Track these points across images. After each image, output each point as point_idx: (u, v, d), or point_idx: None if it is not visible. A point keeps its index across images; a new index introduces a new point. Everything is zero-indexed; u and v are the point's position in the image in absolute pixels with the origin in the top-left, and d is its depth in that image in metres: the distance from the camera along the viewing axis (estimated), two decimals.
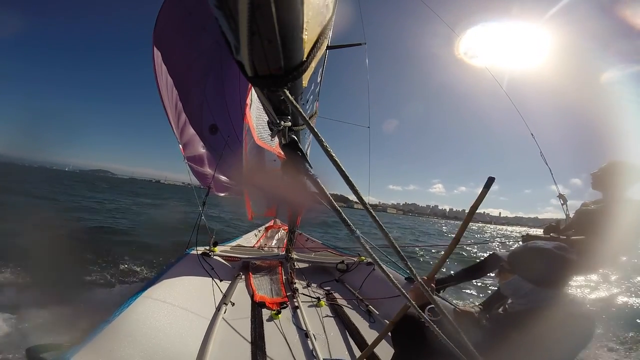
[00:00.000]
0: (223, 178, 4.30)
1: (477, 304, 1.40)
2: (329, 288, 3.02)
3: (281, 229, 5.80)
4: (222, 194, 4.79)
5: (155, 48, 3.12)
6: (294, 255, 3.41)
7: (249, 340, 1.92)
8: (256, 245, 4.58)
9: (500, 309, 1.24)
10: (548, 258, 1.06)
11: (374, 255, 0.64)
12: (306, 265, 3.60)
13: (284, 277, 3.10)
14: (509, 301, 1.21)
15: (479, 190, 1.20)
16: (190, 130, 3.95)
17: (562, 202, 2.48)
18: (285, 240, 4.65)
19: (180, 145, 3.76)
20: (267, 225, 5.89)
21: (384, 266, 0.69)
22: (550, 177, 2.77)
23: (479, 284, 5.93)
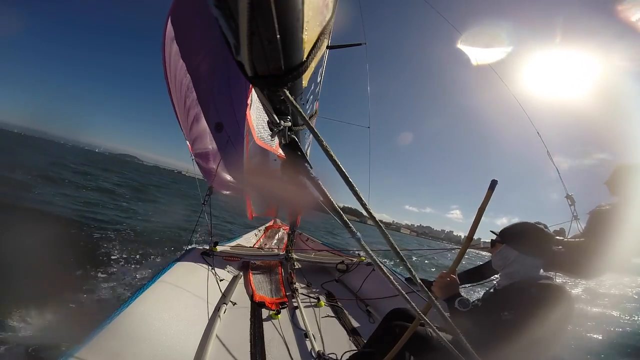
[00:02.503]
0: (227, 176, 4.31)
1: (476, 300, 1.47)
2: (328, 288, 3.02)
3: (281, 228, 5.81)
4: (226, 192, 4.79)
5: (165, 45, 3.11)
6: (294, 255, 3.41)
7: (249, 340, 1.92)
8: (256, 245, 4.58)
9: (491, 290, 1.42)
10: (529, 229, 1.32)
11: (374, 257, 0.64)
12: (306, 265, 3.60)
13: (283, 277, 3.10)
14: (498, 278, 1.41)
15: (499, 221, 1.24)
16: (199, 127, 3.94)
17: (569, 202, 2.43)
18: (285, 240, 4.64)
19: (188, 142, 3.77)
20: (267, 225, 5.90)
21: (384, 268, 0.69)
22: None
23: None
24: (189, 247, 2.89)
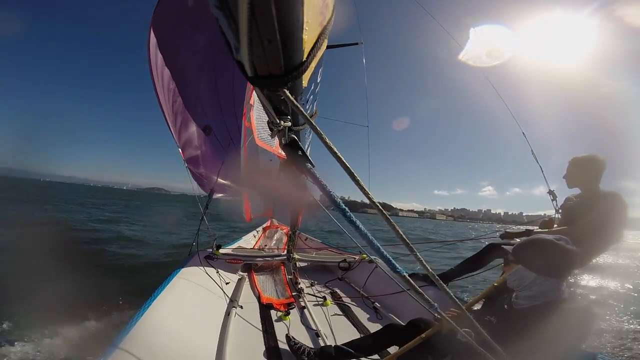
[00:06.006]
0: (219, 179, 4.29)
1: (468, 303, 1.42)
2: (332, 287, 3.03)
3: (279, 228, 5.79)
4: (220, 195, 4.76)
5: (150, 46, 3.10)
6: (296, 255, 3.41)
7: (262, 342, 1.91)
8: (256, 246, 4.57)
9: (505, 305, 1.29)
10: (548, 248, 1.14)
11: (385, 252, 0.63)
12: (308, 264, 3.60)
13: (287, 277, 3.10)
14: (514, 295, 1.25)
15: (536, 192, 1.22)
16: (187, 132, 3.92)
17: (552, 198, 2.49)
18: (284, 240, 4.63)
19: (180, 149, 3.74)
20: (264, 225, 5.87)
21: (394, 261, 0.67)
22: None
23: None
24: (192, 252, 2.87)
